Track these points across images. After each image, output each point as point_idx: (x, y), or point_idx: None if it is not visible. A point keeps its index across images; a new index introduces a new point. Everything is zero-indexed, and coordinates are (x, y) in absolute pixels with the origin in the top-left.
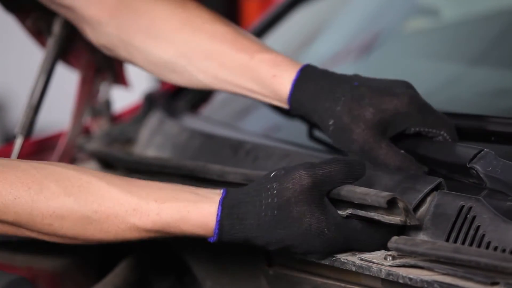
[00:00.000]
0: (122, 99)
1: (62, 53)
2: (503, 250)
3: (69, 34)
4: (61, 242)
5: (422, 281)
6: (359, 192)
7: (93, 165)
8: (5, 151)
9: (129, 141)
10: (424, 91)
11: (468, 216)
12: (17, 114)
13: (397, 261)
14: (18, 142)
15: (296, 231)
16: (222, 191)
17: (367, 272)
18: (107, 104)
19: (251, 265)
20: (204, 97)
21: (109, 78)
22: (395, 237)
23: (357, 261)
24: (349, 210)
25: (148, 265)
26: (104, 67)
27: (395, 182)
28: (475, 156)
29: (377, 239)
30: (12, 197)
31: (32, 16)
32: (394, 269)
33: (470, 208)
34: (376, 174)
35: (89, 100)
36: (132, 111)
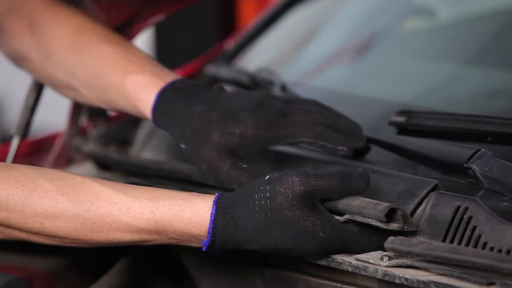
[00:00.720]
0: None
1: None
2: (500, 251)
3: None
4: (51, 243)
5: (418, 281)
6: (356, 205)
7: (89, 166)
8: (2, 152)
9: (125, 142)
10: (421, 91)
11: (464, 216)
12: (13, 114)
13: (394, 262)
14: (15, 143)
15: (290, 234)
16: (216, 193)
17: (364, 273)
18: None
19: (247, 265)
20: None
21: None
22: (391, 238)
23: (353, 262)
24: (347, 216)
25: (144, 265)
26: None
27: (391, 185)
28: (472, 156)
29: (374, 241)
30: (5, 193)
31: None
32: (390, 269)
33: (467, 208)
34: (372, 177)
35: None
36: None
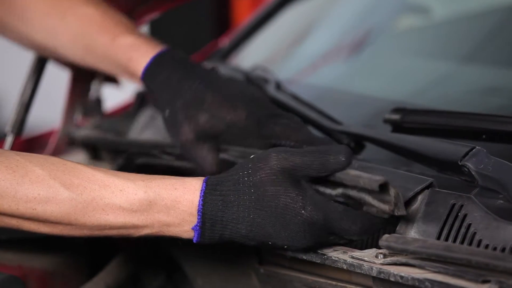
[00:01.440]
0: (113, 97)
1: None
2: (494, 248)
3: None
4: (41, 230)
5: (413, 279)
6: (352, 174)
7: (80, 156)
8: None
9: (119, 134)
10: (415, 89)
11: (459, 214)
12: (8, 112)
13: (388, 259)
14: (9, 140)
15: (274, 211)
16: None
17: (358, 270)
18: (98, 102)
19: (242, 263)
20: None
21: (100, 77)
22: (386, 235)
23: (348, 259)
24: (340, 189)
25: (139, 263)
26: None
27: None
28: (466, 153)
29: (358, 226)
30: None
31: None
32: (385, 267)
33: (461, 206)
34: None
35: (80, 98)
36: (123, 109)
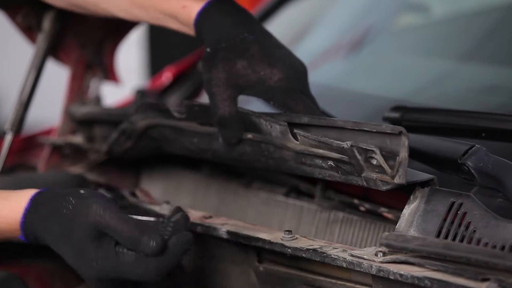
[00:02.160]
0: (113, 95)
1: (52, 49)
2: (494, 246)
3: (59, 30)
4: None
5: (412, 277)
6: (371, 123)
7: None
8: None
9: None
10: (415, 87)
11: (458, 212)
12: (7, 110)
13: (388, 257)
14: (8, 139)
15: (74, 254)
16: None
17: (358, 268)
18: (98, 100)
19: (242, 261)
20: (195, 92)
21: (100, 74)
22: (386, 233)
23: (348, 257)
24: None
25: None
26: (94, 63)
27: None
28: (466, 152)
29: (153, 270)
30: None
31: (22, 12)
32: (384, 265)
33: (461, 204)
34: None
35: (79, 96)
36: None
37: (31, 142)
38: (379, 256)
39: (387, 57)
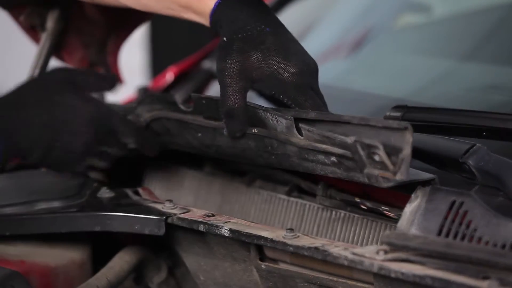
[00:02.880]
0: (115, 95)
1: (55, 48)
2: (495, 245)
3: (63, 30)
4: None
5: (414, 275)
6: (377, 118)
7: None
8: None
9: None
10: (416, 86)
11: (459, 211)
12: None
13: (389, 256)
14: None
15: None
16: None
17: (359, 267)
18: (101, 97)
19: (244, 259)
20: (197, 92)
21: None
22: (388, 232)
23: (349, 256)
24: (353, 137)
25: (141, 258)
26: (97, 63)
27: None
28: (467, 151)
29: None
30: None
31: (26, 12)
32: (386, 263)
33: (462, 203)
34: None
35: None
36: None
37: None
38: (380, 254)
39: (388, 56)
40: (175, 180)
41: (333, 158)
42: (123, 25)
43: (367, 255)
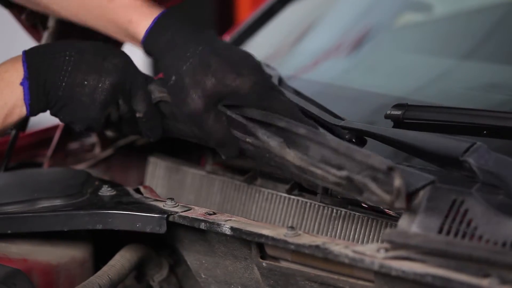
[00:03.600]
0: None
1: None
2: (495, 243)
3: (64, 29)
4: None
5: (415, 273)
6: (363, 152)
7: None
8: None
9: None
10: (416, 85)
11: (460, 209)
12: None
13: (390, 254)
14: (12, 136)
15: None
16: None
17: (360, 265)
18: None
19: (245, 257)
20: None
21: None
22: (388, 230)
23: (350, 254)
24: (344, 172)
25: (143, 257)
26: None
27: None
28: (467, 149)
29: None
30: None
31: (27, 11)
32: (387, 261)
33: (462, 201)
34: None
35: None
36: None
37: (37, 137)
38: (381, 252)
39: (389, 55)
40: (177, 179)
41: (332, 179)
42: None
43: (368, 253)
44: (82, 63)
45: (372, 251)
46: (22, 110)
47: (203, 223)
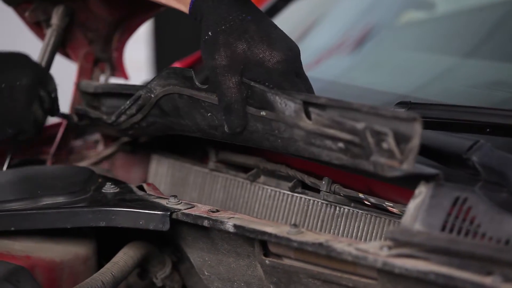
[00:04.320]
0: None
1: (60, 44)
2: (498, 241)
3: (67, 26)
4: None
5: (417, 271)
6: (387, 107)
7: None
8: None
9: None
10: (419, 82)
11: (463, 207)
12: None
13: (393, 251)
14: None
15: None
16: None
17: (363, 262)
18: None
19: (248, 255)
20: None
21: (108, 70)
22: (391, 228)
23: (353, 251)
24: (362, 123)
25: (146, 254)
26: (102, 59)
27: None
28: (471, 147)
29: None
30: None
31: (31, 8)
32: (390, 259)
33: (466, 199)
34: None
35: None
36: None
37: (39, 137)
38: (384, 250)
39: (392, 53)
40: (180, 176)
41: (340, 144)
42: (128, 21)
43: (371, 250)
44: None
45: (375, 249)
46: None
47: (206, 221)
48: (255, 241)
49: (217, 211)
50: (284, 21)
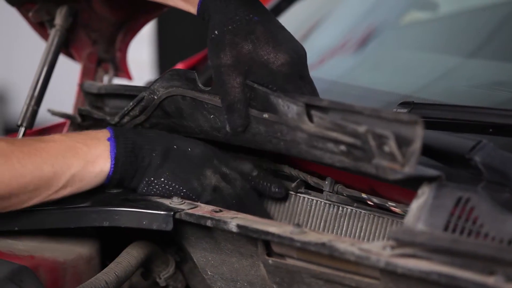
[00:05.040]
0: None
1: (64, 45)
2: (501, 241)
3: (71, 26)
4: None
5: (420, 271)
6: (389, 110)
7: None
8: None
9: None
10: (422, 82)
11: (466, 207)
12: (18, 105)
13: (396, 251)
14: (20, 134)
15: None
16: None
17: (366, 262)
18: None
19: (251, 255)
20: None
21: (111, 71)
22: (394, 228)
23: (356, 251)
24: (364, 127)
25: (149, 254)
26: (106, 59)
27: None
28: (474, 147)
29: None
30: None
31: (34, 8)
32: (392, 259)
33: (468, 199)
34: None
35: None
36: None
37: (43, 135)
38: (387, 250)
39: (395, 53)
40: None
41: (342, 147)
42: (131, 21)
43: (373, 250)
44: None
45: (378, 249)
46: None
47: (209, 221)
48: (258, 241)
49: (220, 211)
50: (287, 21)
